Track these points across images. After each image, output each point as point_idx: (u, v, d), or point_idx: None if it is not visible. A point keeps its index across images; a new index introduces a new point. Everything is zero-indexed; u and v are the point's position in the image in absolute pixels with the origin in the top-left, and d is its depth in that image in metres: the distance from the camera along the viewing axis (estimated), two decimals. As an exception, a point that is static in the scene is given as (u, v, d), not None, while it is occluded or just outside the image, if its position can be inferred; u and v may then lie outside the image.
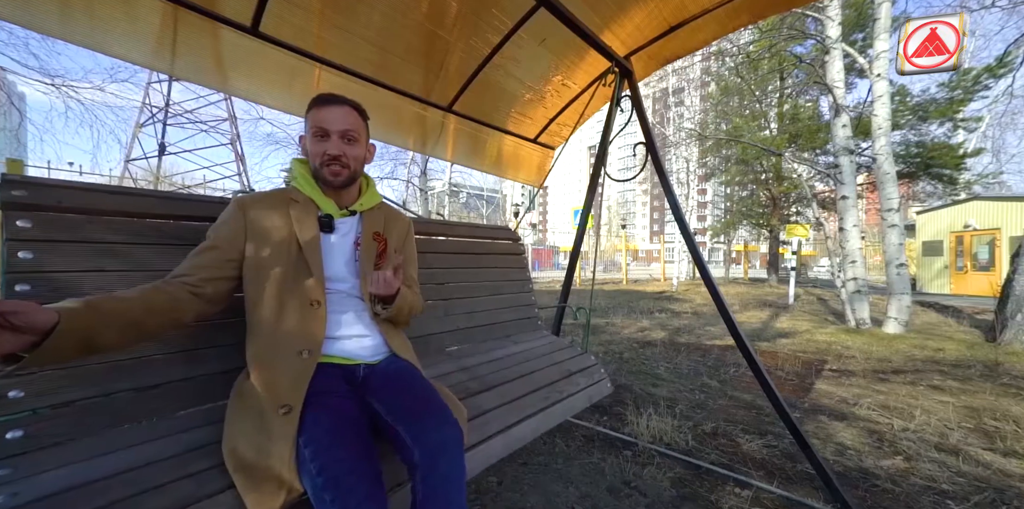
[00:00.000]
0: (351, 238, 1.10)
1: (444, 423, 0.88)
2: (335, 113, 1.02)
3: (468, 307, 1.84)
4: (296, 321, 0.95)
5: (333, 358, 1.00)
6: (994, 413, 2.52)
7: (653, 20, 1.89)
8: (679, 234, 2.04)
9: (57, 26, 1.24)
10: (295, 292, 0.96)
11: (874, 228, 27.14)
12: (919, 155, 10.30)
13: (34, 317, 0.61)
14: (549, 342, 1.98)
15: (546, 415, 1.40)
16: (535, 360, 1.71)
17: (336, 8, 1.58)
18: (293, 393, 0.86)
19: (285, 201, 1.03)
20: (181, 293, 0.85)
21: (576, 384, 1.64)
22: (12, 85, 8.96)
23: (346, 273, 1.06)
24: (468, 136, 2.52)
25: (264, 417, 0.84)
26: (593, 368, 1.81)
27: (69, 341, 0.65)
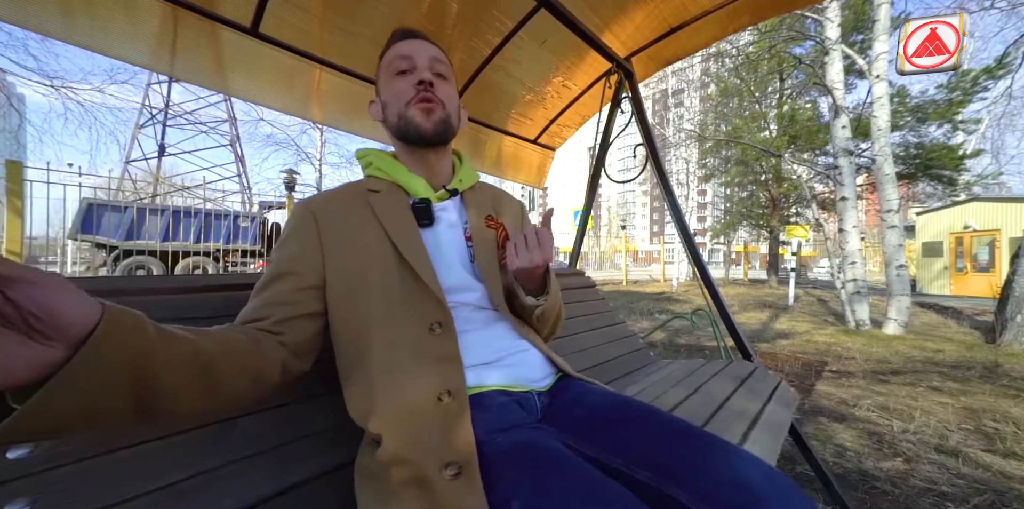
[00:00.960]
0: (460, 229, 0.79)
1: (761, 465, 0.53)
2: (419, 44, 0.79)
3: (578, 345, 1.59)
4: (417, 356, 0.64)
5: (489, 387, 0.67)
6: (994, 415, 2.51)
7: (653, 21, 1.89)
8: (679, 235, 2.04)
9: (57, 27, 1.24)
10: (407, 317, 0.67)
11: (874, 229, 27.17)
12: (919, 156, 10.32)
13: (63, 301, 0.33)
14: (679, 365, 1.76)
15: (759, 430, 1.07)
16: (689, 378, 1.48)
17: (337, 9, 1.58)
18: (453, 446, 0.56)
19: (362, 193, 0.76)
20: (260, 335, 0.59)
21: (758, 390, 1.37)
22: (11, 86, 8.97)
23: (466, 277, 0.75)
24: (468, 137, 2.52)
25: (427, 487, 0.54)
26: (759, 371, 1.58)
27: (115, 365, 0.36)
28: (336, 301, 0.68)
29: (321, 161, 13.69)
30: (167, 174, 24.40)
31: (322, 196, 0.77)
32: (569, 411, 0.67)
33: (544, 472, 0.50)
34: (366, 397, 0.64)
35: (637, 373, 1.68)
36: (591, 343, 1.67)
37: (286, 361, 0.60)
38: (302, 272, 0.67)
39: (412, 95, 0.75)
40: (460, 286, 0.73)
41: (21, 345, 0.31)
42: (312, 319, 0.66)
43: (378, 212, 0.73)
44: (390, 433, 0.60)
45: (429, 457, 0.56)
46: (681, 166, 16.80)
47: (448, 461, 0.55)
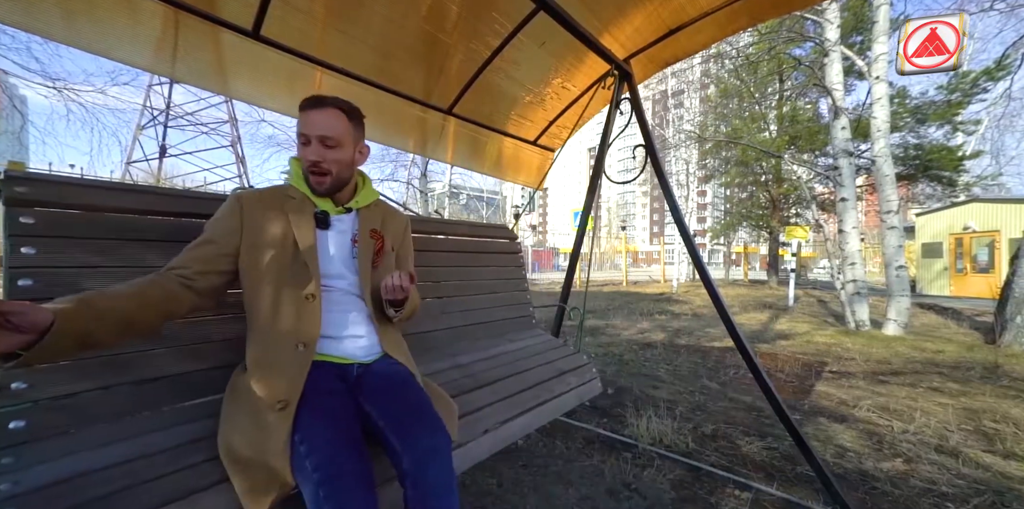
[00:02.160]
0: (348, 235, 1.10)
1: (434, 431, 0.89)
2: (316, 117, 1.00)
3: (464, 305, 1.85)
4: (292, 315, 0.95)
5: (328, 357, 1.01)
6: (994, 415, 2.52)
7: (652, 23, 1.90)
8: (679, 236, 2.05)
9: (61, 31, 1.25)
10: (291, 287, 0.97)
11: (874, 230, 27.15)
12: (918, 157, 10.33)
13: (32, 317, 0.62)
14: (543, 341, 1.99)
15: (537, 413, 1.43)
16: (528, 359, 1.74)
17: (337, 12, 1.59)
18: (290, 389, 0.88)
19: (282, 198, 1.04)
20: (175, 286, 0.86)
21: (567, 383, 1.66)
22: (14, 88, 8.99)
23: (343, 270, 1.06)
24: (468, 138, 2.53)
25: (260, 413, 0.85)
26: (585, 367, 1.83)
27: (65, 339, 0.67)
28: (246, 268, 0.97)
29: (321, 162, 13.64)
30: (168, 175, 24.42)
31: (252, 192, 1.04)
32: (371, 380, 1.00)
33: (324, 419, 0.85)
34: (253, 339, 0.96)
35: (500, 339, 1.91)
36: (481, 305, 1.92)
37: (193, 301, 0.89)
38: (222, 243, 0.95)
39: (306, 166, 1.02)
40: (336, 274, 1.05)
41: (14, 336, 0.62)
42: (220, 275, 0.95)
43: (289, 213, 1.02)
44: (253, 367, 0.93)
45: (269, 392, 0.87)
46: (681, 167, 16.80)
47: (280, 399, 0.86)
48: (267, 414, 0.84)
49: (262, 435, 0.82)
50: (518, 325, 2.08)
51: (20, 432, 0.79)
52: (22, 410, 0.81)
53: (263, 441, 0.81)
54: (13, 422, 0.79)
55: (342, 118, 1.03)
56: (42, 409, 0.83)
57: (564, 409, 1.58)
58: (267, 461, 0.79)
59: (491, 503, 1.59)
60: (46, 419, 0.83)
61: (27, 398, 0.82)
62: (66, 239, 0.92)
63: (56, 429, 0.83)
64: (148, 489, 0.75)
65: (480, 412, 1.27)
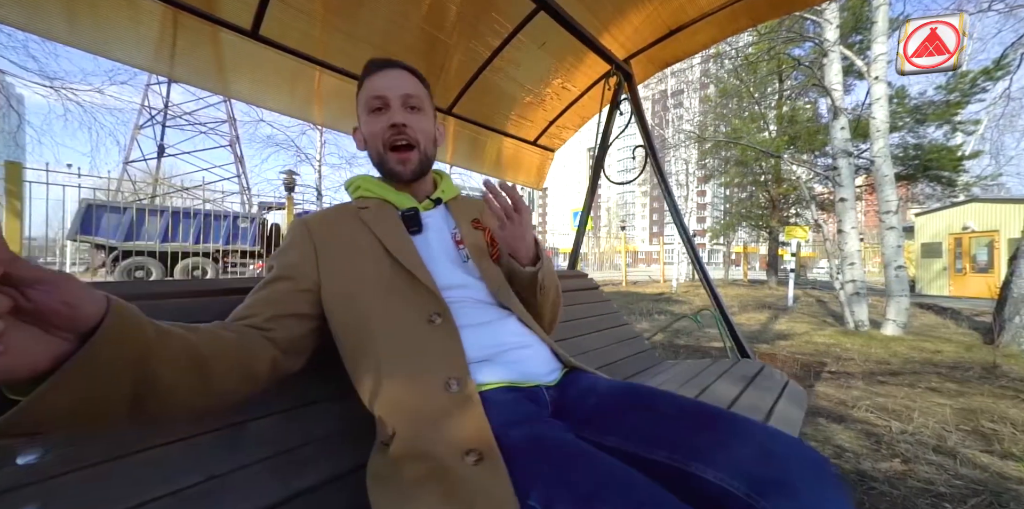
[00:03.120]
0: (447, 234, 0.85)
1: (797, 444, 0.52)
2: (392, 76, 0.82)
3: (583, 346, 1.59)
4: (419, 347, 0.66)
5: (495, 384, 0.67)
6: (992, 415, 2.52)
7: (652, 23, 1.91)
8: (678, 236, 2.07)
9: (62, 31, 1.25)
10: (404, 310, 0.69)
11: (873, 230, 27.20)
12: (917, 157, 10.33)
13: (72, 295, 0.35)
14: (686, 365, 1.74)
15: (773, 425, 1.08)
16: (698, 378, 1.49)
17: (337, 11, 1.59)
18: (470, 433, 0.56)
19: (354, 210, 0.82)
20: (249, 333, 0.61)
21: (767, 388, 1.40)
22: (11, 87, 8.97)
23: (462, 275, 0.78)
24: (468, 138, 2.53)
25: (447, 478, 0.52)
26: (766, 370, 1.58)
27: (118, 358, 0.38)
28: (333, 303, 0.71)
29: (321, 162, 13.69)
30: (166, 175, 24.41)
31: (317, 214, 0.83)
32: (580, 403, 0.68)
33: (560, 462, 0.50)
34: (375, 389, 0.65)
35: (643, 374, 1.67)
36: (596, 345, 1.66)
37: (275, 358, 0.62)
38: (296, 277, 0.71)
39: (388, 137, 0.80)
40: (456, 284, 0.77)
41: (41, 338, 0.34)
42: (301, 319, 0.69)
43: (369, 223, 0.78)
44: (402, 424, 0.61)
45: (447, 446, 0.55)
46: (681, 167, 16.83)
47: (468, 448, 0.54)
48: (461, 474, 0.52)
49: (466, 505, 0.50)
50: (646, 360, 1.82)
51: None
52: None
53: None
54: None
55: (418, 82, 0.85)
56: None
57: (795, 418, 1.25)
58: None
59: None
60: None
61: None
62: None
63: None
64: None
65: None
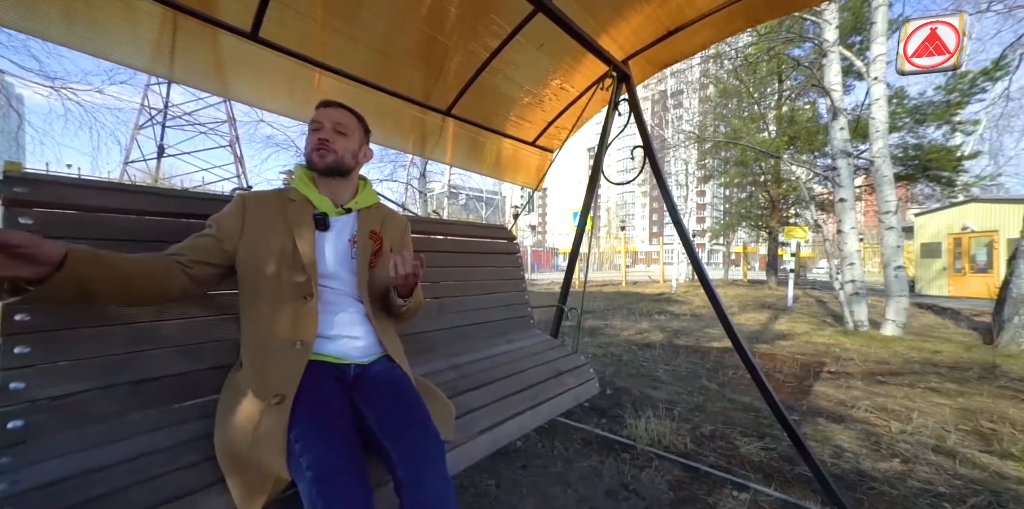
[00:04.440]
0: (346, 236, 1.11)
1: (428, 438, 0.89)
2: (332, 111, 1.11)
3: (461, 306, 1.85)
4: (289, 314, 0.97)
5: (325, 356, 1.01)
6: (991, 415, 2.52)
7: (650, 24, 1.90)
8: (678, 236, 2.07)
9: (60, 32, 1.25)
10: (289, 287, 0.99)
11: (873, 230, 27.18)
12: (917, 157, 10.33)
13: (46, 249, 0.66)
14: (541, 341, 2.00)
15: (534, 413, 1.43)
16: (525, 359, 1.74)
17: (336, 13, 1.59)
18: (286, 383, 0.88)
19: (283, 200, 1.07)
20: (172, 266, 0.89)
21: (564, 383, 1.66)
22: (11, 87, 8.97)
23: (341, 271, 1.07)
24: (467, 139, 2.53)
25: (255, 409, 0.85)
26: (582, 368, 1.83)
27: (72, 278, 0.69)
28: (244, 267, 0.99)
29: (321, 162, 13.64)
30: (166, 175, 24.39)
31: (256, 193, 1.08)
32: (367, 382, 1.01)
33: (316, 417, 0.86)
34: (249, 336, 0.98)
35: (501, 338, 1.93)
36: (480, 305, 1.93)
37: (186, 285, 0.91)
38: (222, 238, 0.98)
39: (314, 144, 1.09)
40: (333, 274, 1.06)
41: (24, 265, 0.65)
42: (215, 268, 0.97)
43: (289, 215, 1.05)
44: (250, 363, 0.95)
45: (265, 386, 0.89)
46: (680, 167, 16.82)
47: (277, 393, 0.87)
48: (264, 409, 0.85)
49: (257, 432, 0.82)
50: (516, 325, 2.08)
51: (18, 432, 0.80)
52: (20, 410, 0.81)
53: (258, 438, 0.81)
54: (11, 422, 0.80)
55: (354, 119, 1.15)
56: (40, 409, 0.83)
57: (561, 409, 1.59)
58: (262, 458, 0.79)
59: (489, 505, 1.59)
60: (44, 419, 0.83)
61: (25, 398, 0.82)
62: (65, 240, 0.91)
63: (54, 429, 0.83)
64: (146, 489, 0.75)
65: (477, 413, 1.28)
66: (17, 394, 0.81)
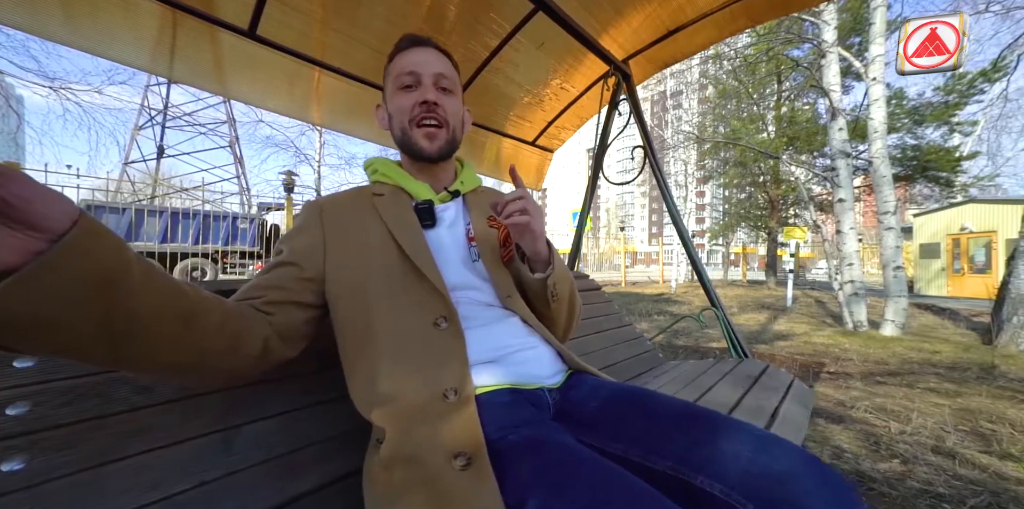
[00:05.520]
0: (461, 229, 0.81)
1: (793, 449, 0.52)
2: (425, 54, 0.79)
3: (586, 348, 1.60)
4: (422, 352, 0.65)
5: (496, 386, 0.65)
6: (990, 416, 2.52)
7: (651, 24, 1.91)
8: (677, 236, 2.07)
9: (62, 32, 1.25)
10: (411, 312, 0.67)
11: (872, 230, 27.23)
12: (915, 158, 10.36)
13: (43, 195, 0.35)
14: (688, 365, 1.75)
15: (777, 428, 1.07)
16: (700, 378, 1.47)
17: (335, 12, 1.59)
18: (461, 437, 0.55)
19: (367, 196, 0.80)
20: (249, 309, 0.60)
21: (772, 388, 1.36)
22: (10, 88, 8.97)
23: (470, 276, 0.76)
24: (467, 139, 2.52)
25: (434, 483, 0.52)
26: (771, 369, 1.57)
27: (89, 267, 0.37)
28: (337, 295, 0.69)
29: (320, 163, 13.68)
30: (166, 176, 24.37)
31: (330, 197, 0.80)
32: (582, 406, 0.67)
33: (558, 470, 0.48)
34: (370, 389, 0.64)
35: (645, 375, 1.67)
36: (598, 346, 1.65)
37: (269, 339, 0.60)
38: (302, 264, 0.69)
39: (416, 114, 0.77)
40: (463, 284, 0.75)
41: (4, 233, 0.33)
42: (302, 308, 0.67)
43: (382, 213, 0.76)
44: (393, 427, 0.59)
45: (435, 451, 0.54)
46: (680, 168, 16.85)
47: (456, 452, 0.53)
48: (448, 481, 0.51)
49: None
50: (648, 361, 1.82)
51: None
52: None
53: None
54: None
55: (451, 65, 0.83)
56: None
57: (800, 420, 1.21)
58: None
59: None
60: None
61: None
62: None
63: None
64: None
65: None
66: None
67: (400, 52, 0.80)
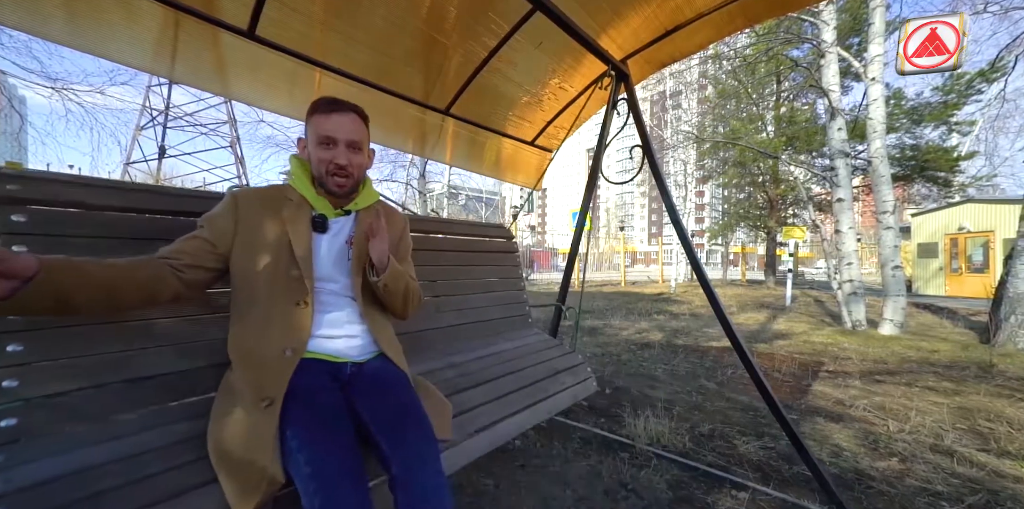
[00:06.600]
0: (343, 237, 1.09)
1: (422, 436, 0.89)
2: (341, 122, 1.01)
3: (460, 304, 1.85)
4: (282, 320, 0.96)
5: (320, 355, 1.00)
6: (988, 414, 2.53)
7: (649, 24, 1.91)
8: (676, 236, 2.09)
9: (65, 34, 1.26)
10: (283, 291, 0.97)
11: (870, 230, 27.23)
12: (914, 158, 10.38)
13: (16, 263, 0.63)
14: (539, 340, 2.01)
15: (531, 412, 1.43)
16: (523, 358, 1.75)
17: (334, 12, 1.59)
18: (275, 387, 0.88)
19: (280, 199, 1.03)
20: (163, 271, 0.86)
21: (562, 382, 1.67)
22: (13, 88, 8.96)
23: (336, 272, 1.05)
24: (466, 139, 2.54)
25: (247, 410, 0.86)
26: (579, 367, 1.84)
27: (46, 293, 0.68)
28: (237, 268, 0.97)
29: (319, 163, 13.64)
30: (167, 176, 24.34)
31: (248, 191, 1.03)
32: (363, 380, 1.01)
33: (312, 416, 0.85)
34: (239, 339, 0.96)
35: (499, 336, 1.94)
36: (476, 304, 1.92)
37: (177, 290, 0.89)
38: (214, 240, 0.95)
39: (331, 169, 1.02)
40: (329, 276, 1.04)
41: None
42: (207, 271, 0.95)
43: (286, 216, 1.01)
44: (240, 366, 0.93)
45: (255, 390, 0.88)
46: (679, 168, 16.86)
47: (265, 396, 0.87)
48: (254, 412, 0.85)
49: (249, 433, 0.82)
50: (514, 324, 2.08)
51: (10, 430, 0.79)
52: (13, 408, 0.81)
53: (250, 439, 0.81)
54: (4, 420, 0.79)
55: (362, 124, 1.05)
56: (33, 407, 0.83)
57: (559, 408, 1.59)
58: (254, 458, 0.79)
59: (488, 504, 1.59)
60: (37, 418, 0.82)
61: (18, 396, 0.81)
62: (58, 238, 0.91)
63: (47, 428, 0.83)
64: (138, 488, 0.75)
65: (474, 411, 1.28)
66: (9, 391, 0.80)
67: (320, 113, 1.01)
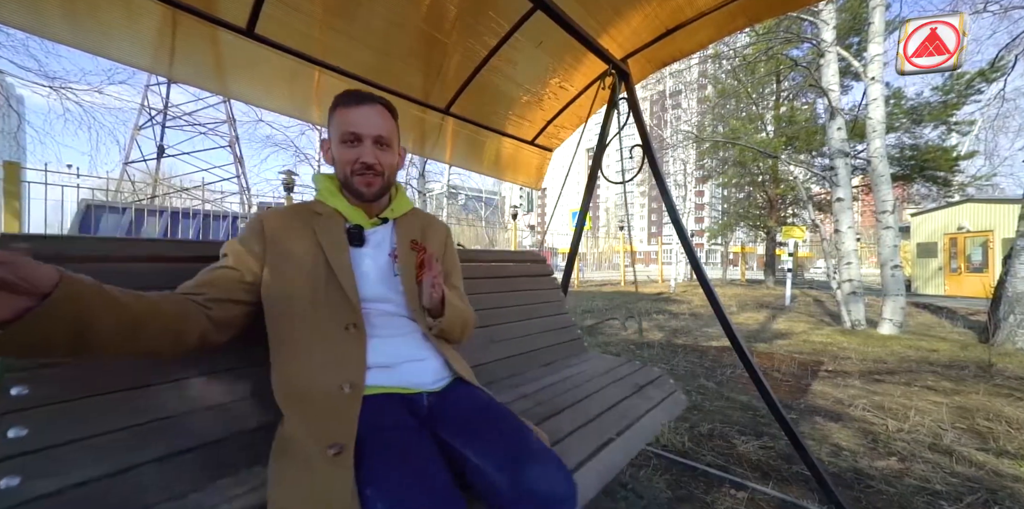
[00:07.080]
0: (386, 250, 0.97)
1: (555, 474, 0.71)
2: (367, 115, 0.90)
3: (510, 333, 1.72)
4: (331, 350, 0.82)
5: (386, 388, 0.85)
6: (987, 414, 2.53)
7: (650, 23, 1.91)
8: (676, 236, 2.09)
9: (64, 32, 1.25)
10: (327, 316, 0.84)
11: (870, 230, 27.26)
12: (913, 158, 10.38)
13: (31, 270, 0.48)
14: (602, 361, 1.88)
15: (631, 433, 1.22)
16: (597, 378, 1.60)
17: (334, 11, 1.59)
18: (341, 431, 0.72)
19: (308, 213, 0.93)
20: (188, 306, 0.72)
21: (650, 397, 1.50)
22: (11, 87, 8.95)
23: (385, 290, 0.92)
24: (466, 138, 2.53)
25: (312, 464, 0.69)
26: (661, 379, 1.69)
27: (63, 316, 0.52)
28: (271, 299, 0.84)
29: (320, 162, 13.68)
30: (166, 175, 24.32)
31: (276, 212, 0.92)
32: (448, 409, 0.85)
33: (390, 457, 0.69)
34: (285, 381, 0.80)
35: (557, 364, 1.80)
36: (524, 332, 1.79)
37: (206, 331, 0.74)
38: (242, 269, 0.83)
39: (357, 168, 0.91)
40: (376, 296, 0.91)
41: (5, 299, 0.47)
42: (237, 305, 0.81)
43: (318, 232, 0.90)
44: (293, 413, 0.77)
45: (318, 437, 0.71)
46: (679, 167, 16.87)
47: (333, 442, 0.70)
48: (321, 465, 0.68)
49: (320, 489, 0.66)
50: (570, 349, 1.96)
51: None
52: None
53: (322, 495, 0.65)
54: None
55: (390, 118, 0.94)
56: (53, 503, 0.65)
57: (657, 426, 1.38)
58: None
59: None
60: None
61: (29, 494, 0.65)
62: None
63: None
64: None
65: (567, 440, 1.09)
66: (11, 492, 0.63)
67: (343, 107, 0.90)
